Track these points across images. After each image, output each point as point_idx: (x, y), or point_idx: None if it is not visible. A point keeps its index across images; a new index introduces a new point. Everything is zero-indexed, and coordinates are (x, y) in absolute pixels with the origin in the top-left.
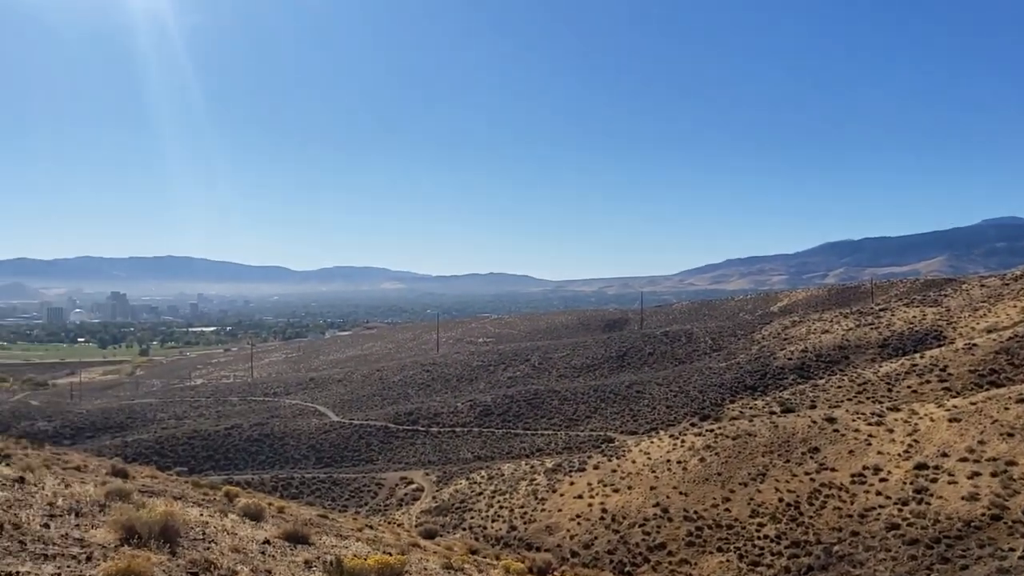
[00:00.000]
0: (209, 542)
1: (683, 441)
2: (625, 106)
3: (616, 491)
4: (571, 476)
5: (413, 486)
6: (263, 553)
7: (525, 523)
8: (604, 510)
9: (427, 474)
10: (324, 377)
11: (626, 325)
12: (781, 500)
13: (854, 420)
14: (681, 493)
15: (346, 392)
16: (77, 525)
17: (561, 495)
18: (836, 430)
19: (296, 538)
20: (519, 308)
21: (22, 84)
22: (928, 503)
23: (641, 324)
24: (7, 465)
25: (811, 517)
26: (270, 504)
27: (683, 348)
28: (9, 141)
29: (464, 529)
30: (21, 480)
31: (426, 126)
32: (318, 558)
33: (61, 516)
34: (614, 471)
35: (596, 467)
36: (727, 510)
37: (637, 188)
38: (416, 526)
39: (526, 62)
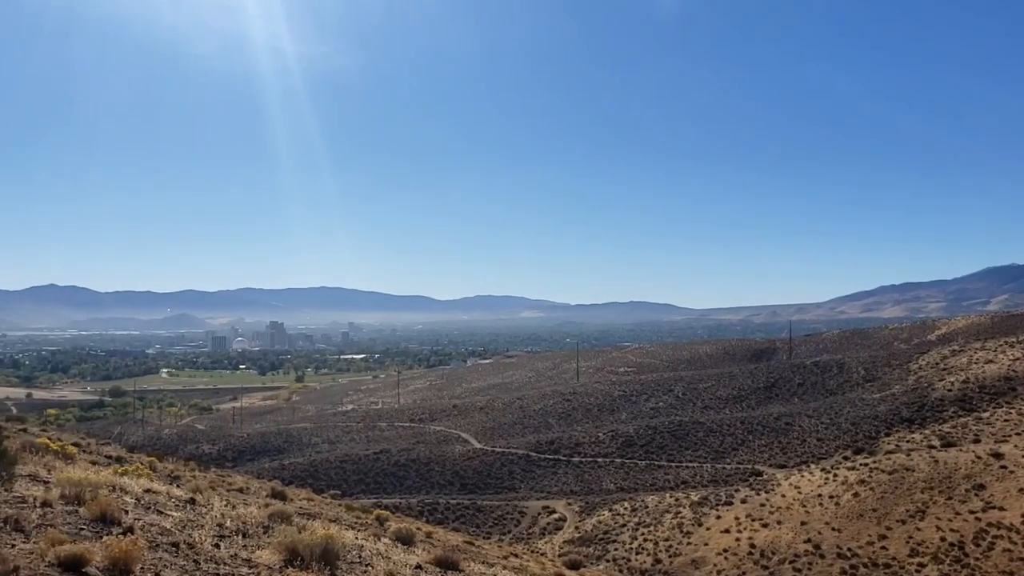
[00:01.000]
0: (365, 566)
1: (835, 475)
2: (771, 128)
3: (765, 526)
4: (718, 509)
5: (555, 515)
6: None
7: (670, 556)
8: (752, 545)
9: (569, 504)
10: (467, 404)
11: (774, 355)
12: (943, 539)
13: None
14: (834, 529)
15: (488, 420)
16: (244, 546)
17: (707, 529)
18: (1004, 467)
19: (446, 564)
20: (661, 337)
21: (191, 133)
22: None
23: (790, 354)
24: (178, 486)
25: (977, 559)
26: (418, 528)
27: (834, 379)
28: (175, 184)
29: (608, 561)
30: (192, 501)
31: (563, 156)
32: None
33: (229, 537)
34: (763, 505)
35: (744, 501)
36: (884, 548)
37: (784, 213)
38: (560, 556)
39: (670, 85)
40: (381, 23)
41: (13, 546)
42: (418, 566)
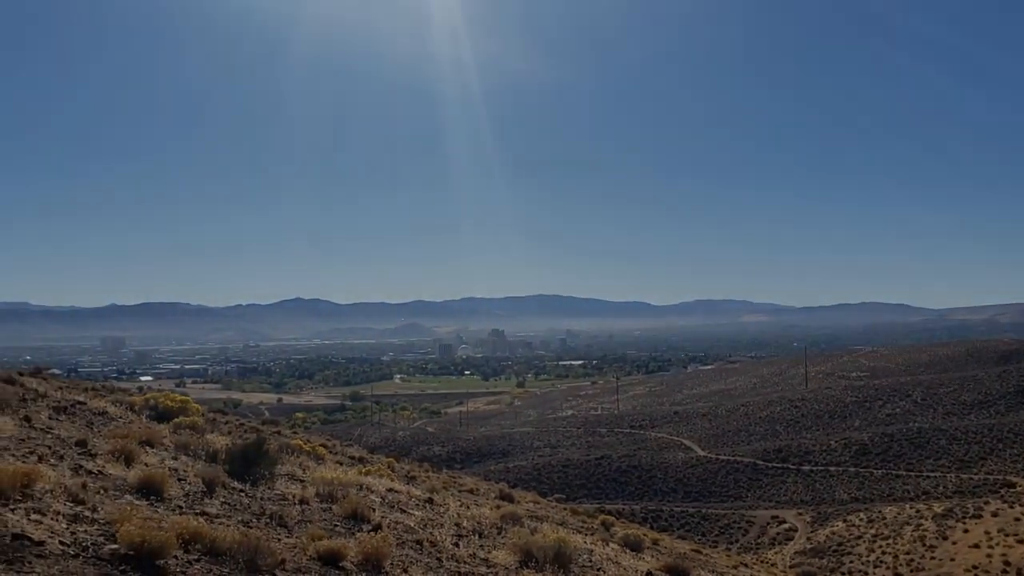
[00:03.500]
0: (597, 570)
1: None
2: (1011, 112)
3: (1021, 541)
4: (964, 523)
5: (785, 525)
6: None
7: (912, 571)
8: (1007, 562)
9: (800, 514)
10: (688, 411)
11: None
12: None
13: None
14: None
15: (711, 427)
16: (481, 546)
17: (953, 543)
18: None
19: (676, 572)
20: (896, 340)
21: (409, 154)
22: None
23: None
24: (415, 486)
25: None
26: (645, 535)
27: None
28: (406, 203)
29: (842, 574)
30: (430, 501)
31: (780, 153)
32: None
33: (467, 536)
34: (1017, 519)
35: (995, 514)
36: None
37: None
38: (791, 567)
39: (888, 83)
40: (575, 36)
41: (279, 540)
42: (648, 573)
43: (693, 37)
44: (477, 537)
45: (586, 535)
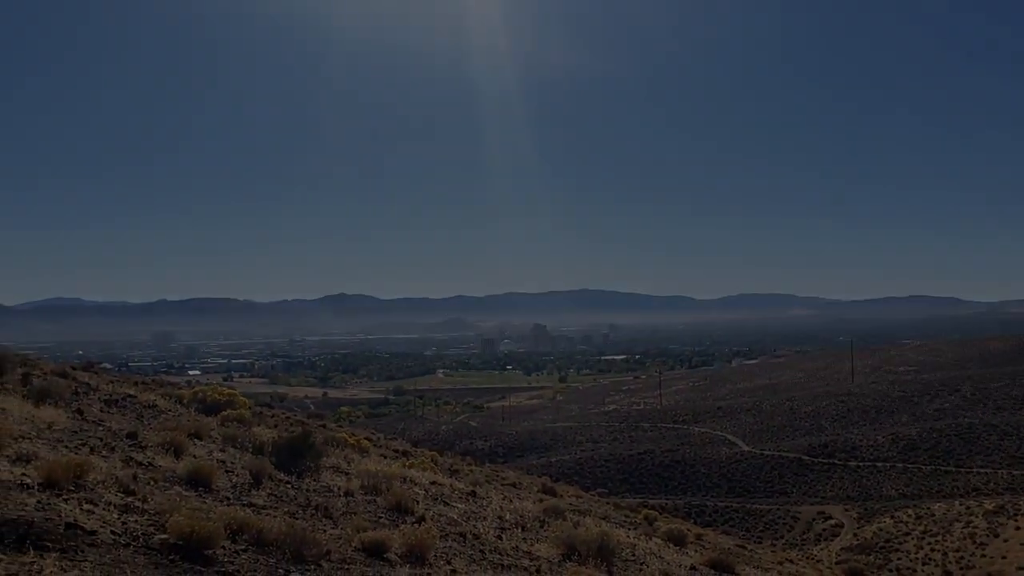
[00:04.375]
0: (640, 564)
1: None
2: None
3: None
4: (1016, 520)
5: (831, 521)
6: None
7: (962, 568)
8: None
9: (846, 510)
10: (732, 406)
11: None
12: None
13: None
14: None
15: (755, 422)
16: (524, 539)
17: (1005, 541)
18: None
19: (721, 566)
20: (945, 333)
21: (455, 149)
22: None
23: None
24: (458, 479)
25: None
26: (688, 530)
27: None
28: (451, 200)
29: (890, 571)
30: (473, 494)
31: (826, 145)
32: None
33: (510, 529)
34: None
35: None
36: None
37: None
38: (837, 563)
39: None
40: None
41: (324, 531)
42: (693, 567)
43: (733, 29)
44: (520, 530)
45: (629, 529)
